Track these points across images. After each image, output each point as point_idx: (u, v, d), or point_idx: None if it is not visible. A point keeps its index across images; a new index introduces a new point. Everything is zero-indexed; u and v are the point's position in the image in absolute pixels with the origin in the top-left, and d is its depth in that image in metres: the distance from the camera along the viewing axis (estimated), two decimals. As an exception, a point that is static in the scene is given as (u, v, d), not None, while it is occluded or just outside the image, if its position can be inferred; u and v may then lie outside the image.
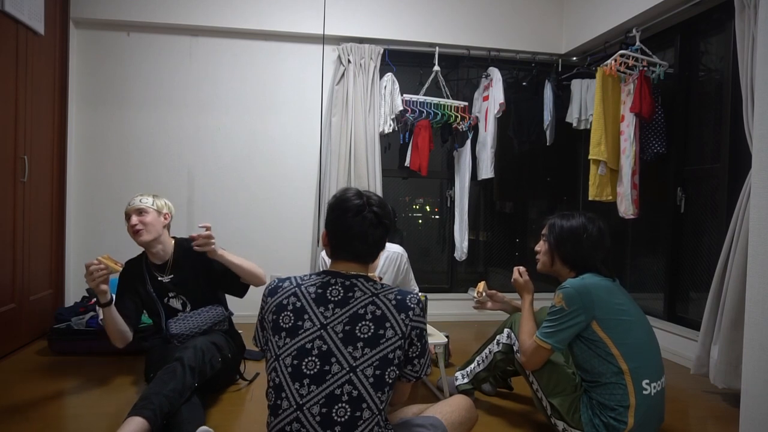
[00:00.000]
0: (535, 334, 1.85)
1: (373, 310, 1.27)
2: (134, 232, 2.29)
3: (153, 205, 2.35)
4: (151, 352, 2.30)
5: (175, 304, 2.36)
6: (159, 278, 2.35)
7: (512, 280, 2.11)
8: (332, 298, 1.29)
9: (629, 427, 1.67)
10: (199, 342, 2.06)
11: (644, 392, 1.68)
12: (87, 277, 2.05)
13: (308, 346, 1.24)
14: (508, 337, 2.06)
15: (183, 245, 2.39)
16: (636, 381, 1.68)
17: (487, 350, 2.18)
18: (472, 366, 2.23)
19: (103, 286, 2.07)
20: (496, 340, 2.13)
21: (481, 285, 2.27)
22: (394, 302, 1.29)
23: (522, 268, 2.12)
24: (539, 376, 1.89)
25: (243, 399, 2.31)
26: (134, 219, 2.29)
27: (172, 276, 2.35)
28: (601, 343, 1.71)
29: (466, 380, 2.24)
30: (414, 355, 1.32)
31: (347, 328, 1.25)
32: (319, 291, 1.31)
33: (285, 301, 1.31)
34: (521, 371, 2.01)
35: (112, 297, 2.15)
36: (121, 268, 2.18)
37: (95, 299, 3.09)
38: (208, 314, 2.33)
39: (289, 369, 1.23)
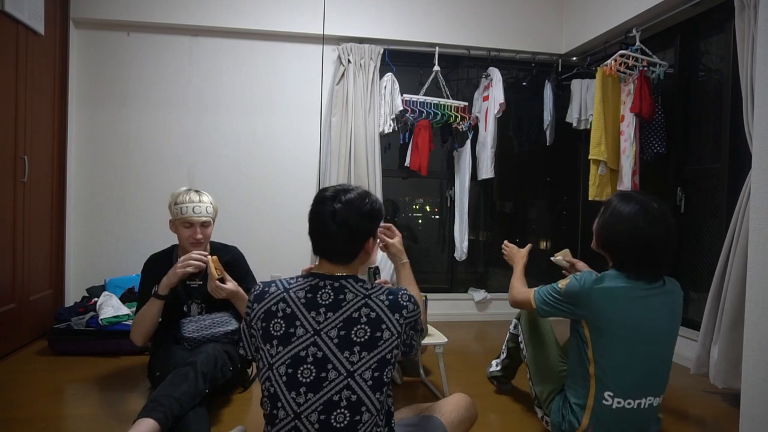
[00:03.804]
0: (531, 291, 1.88)
1: (368, 313, 1.24)
2: (194, 244, 2.26)
3: (212, 214, 2.32)
4: (158, 350, 2.27)
5: (194, 310, 2.33)
6: (188, 282, 2.30)
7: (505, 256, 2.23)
8: (323, 302, 1.25)
9: (582, 427, 1.67)
10: (212, 349, 2.04)
11: (604, 402, 1.65)
12: (183, 261, 2.11)
13: (302, 353, 1.21)
14: (515, 327, 2.29)
15: (218, 254, 2.34)
16: (599, 388, 1.66)
17: (505, 342, 2.42)
18: (503, 356, 2.45)
19: (177, 278, 2.12)
20: (509, 330, 2.37)
21: (565, 253, 2.23)
22: (387, 302, 1.26)
23: (505, 243, 2.24)
24: (532, 362, 2.04)
25: (247, 401, 2.31)
26: (200, 233, 2.25)
27: (201, 283, 2.28)
28: (584, 342, 1.71)
29: (498, 368, 2.48)
30: (410, 340, 1.33)
31: (342, 332, 1.22)
32: (309, 295, 1.26)
33: (274, 308, 1.26)
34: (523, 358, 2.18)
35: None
36: (219, 275, 2.16)
37: (94, 300, 3.11)
38: (221, 320, 2.29)
39: (284, 378, 1.20)
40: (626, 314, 1.63)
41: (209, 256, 2.18)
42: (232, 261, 2.38)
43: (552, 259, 2.22)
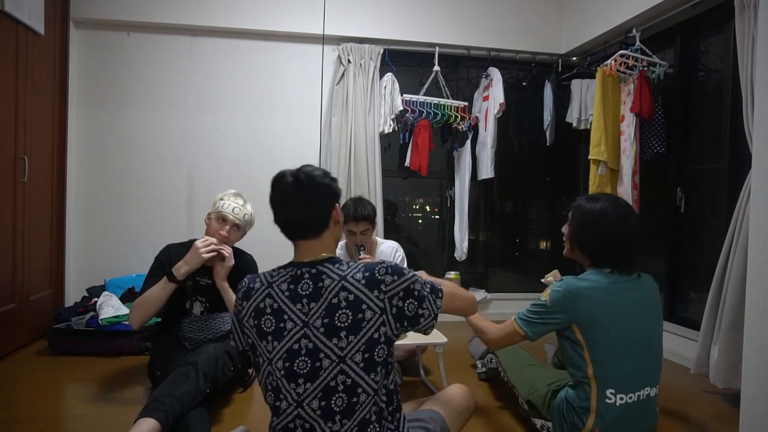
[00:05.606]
0: (512, 321, 1.80)
1: (346, 296, 1.24)
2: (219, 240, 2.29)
3: (246, 222, 2.37)
4: (158, 349, 2.27)
5: (197, 308, 2.33)
6: (197, 278, 2.31)
7: None
8: (304, 293, 1.27)
9: (587, 429, 1.67)
10: (213, 348, 2.04)
11: (607, 401, 1.65)
12: (204, 243, 2.18)
13: (295, 347, 1.24)
14: (490, 361, 2.51)
15: (234, 257, 2.36)
16: (600, 388, 1.66)
17: (488, 357, 2.56)
18: (487, 366, 2.60)
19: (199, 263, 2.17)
20: (486, 365, 2.58)
21: (554, 273, 2.22)
22: (363, 281, 1.25)
23: None
24: (518, 380, 2.04)
25: (248, 401, 2.31)
26: (225, 231, 2.29)
27: (210, 282, 2.28)
28: (578, 346, 1.70)
29: (483, 369, 2.63)
30: (412, 311, 1.27)
31: (326, 321, 1.23)
32: (291, 287, 1.29)
33: (261, 305, 1.29)
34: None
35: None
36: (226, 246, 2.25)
37: (94, 300, 3.11)
38: (222, 320, 2.30)
39: (282, 372, 1.24)
40: (611, 307, 1.66)
41: (209, 239, 2.23)
42: (245, 265, 2.39)
43: (543, 281, 2.21)
